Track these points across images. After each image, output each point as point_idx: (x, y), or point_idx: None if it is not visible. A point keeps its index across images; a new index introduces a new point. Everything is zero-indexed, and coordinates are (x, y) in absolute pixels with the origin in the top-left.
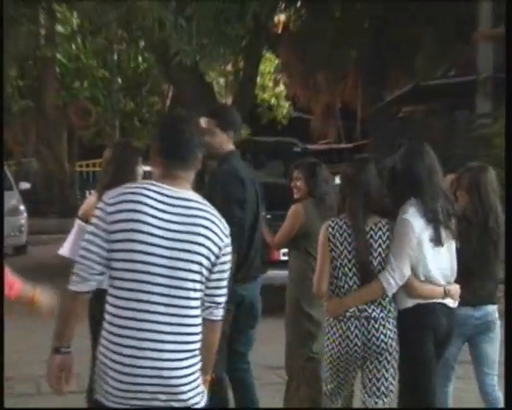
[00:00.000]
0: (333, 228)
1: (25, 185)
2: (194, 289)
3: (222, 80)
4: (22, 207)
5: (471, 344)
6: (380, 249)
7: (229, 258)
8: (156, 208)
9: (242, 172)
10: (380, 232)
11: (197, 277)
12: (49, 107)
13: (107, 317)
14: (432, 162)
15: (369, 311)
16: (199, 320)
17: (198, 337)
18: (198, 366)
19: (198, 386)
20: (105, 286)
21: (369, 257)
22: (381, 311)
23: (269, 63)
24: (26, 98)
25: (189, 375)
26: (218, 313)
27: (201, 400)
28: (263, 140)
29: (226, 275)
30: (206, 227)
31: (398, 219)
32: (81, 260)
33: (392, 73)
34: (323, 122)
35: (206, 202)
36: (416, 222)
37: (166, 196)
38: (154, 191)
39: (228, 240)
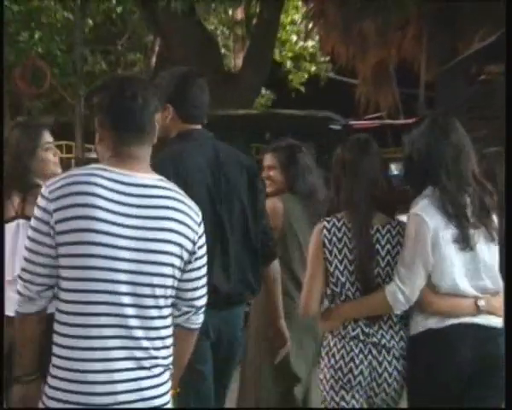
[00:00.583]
0: (329, 230)
1: None
2: (165, 297)
3: (228, 31)
4: None
5: None
6: (388, 258)
7: (204, 251)
8: (111, 200)
9: (190, 158)
10: (388, 235)
11: (169, 281)
12: None
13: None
14: (460, 140)
15: (378, 337)
16: (170, 331)
17: (170, 351)
18: (170, 382)
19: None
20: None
21: (373, 267)
22: (392, 338)
23: (292, 11)
24: None
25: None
26: (197, 320)
27: None
28: (288, 113)
29: (204, 272)
30: (176, 220)
31: (408, 215)
32: (24, 274)
33: (470, 19)
34: (373, 88)
35: (171, 185)
36: (430, 218)
37: (122, 183)
38: (106, 178)
39: (202, 229)
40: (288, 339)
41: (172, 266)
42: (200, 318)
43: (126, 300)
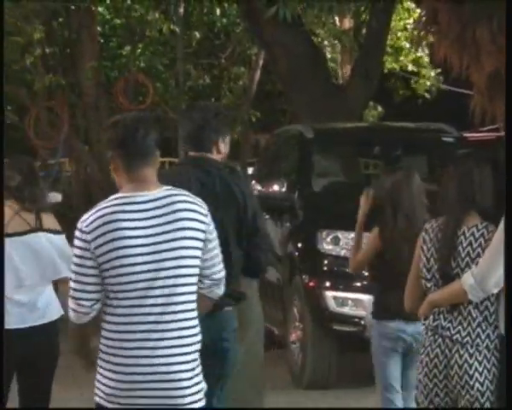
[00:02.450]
0: (426, 231)
1: (54, 197)
2: (193, 280)
3: (336, 42)
4: None
5: None
6: (467, 259)
7: (215, 233)
8: (131, 220)
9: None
10: (471, 238)
11: (194, 268)
12: (85, 84)
13: (107, 327)
14: None
15: (453, 331)
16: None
17: (199, 334)
18: (199, 366)
19: (200, 388)
20: None
21: (451, 267)
22: (468, 335)
23: (404, 15)
24: (53, 72)
25: (193, 378)
26: (219, 292)
27: (201, 398)
28: (399, 126)
29: (217, 251)
30: (188, 218)
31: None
32: (75, 294)
33: None
34: (488, 99)
35: (177, 190)
36: None
37: (137, 203)
38: (125, 204)
39: (209, 217)
40: None
41: (194, 256)
42: (221, 290)
43: (158, 292)
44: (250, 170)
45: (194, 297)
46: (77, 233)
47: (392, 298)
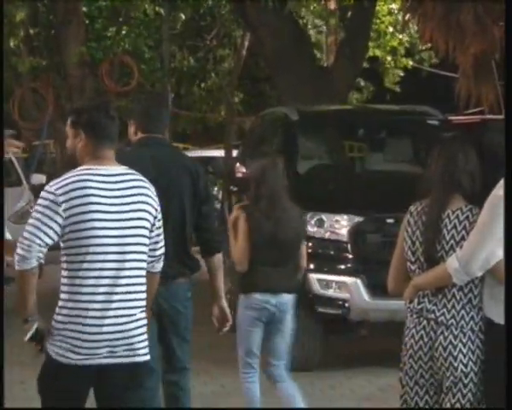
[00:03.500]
0: (411, 213)
1: (38, 179)
2: (144, 252)
3: (322, 24)
4: None
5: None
6: (452, 242)
7: (161, 215)
8: (100, 189)
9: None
10: (455, 221)
11: (146, 240)
12: (71, 65)
13: (65, 288)
14: None
15: (437, 313)
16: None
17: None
18: (145, 320)
19: (146, 340)
20: None
21: (436, 250)
22: (453, 317)
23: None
24: (38, 54)
25: (143, 329)
26: (159, 266)
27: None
28: (383, 108)
29: (161, 230)
30: (146, 195)
31: (491, 195)
32: (25, 241)
33: None
34: (474, 82)
35: (133, 170)
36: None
37: (103, 175)
38: (92, 174)
39: (157, 200)
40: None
41: (147, 231)
42: (160, 265)
43: (115, 265)
44: (235, 152)
45: (144, 268)
46: (45, 194)
47: (260, 273)
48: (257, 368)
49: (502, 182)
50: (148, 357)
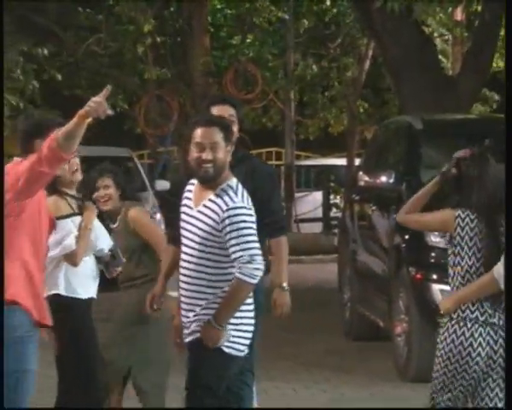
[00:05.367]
0: (462, 219)
1: (162, 185)
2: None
3: (447, 33)
4: (159, 217)
5: None
6: None
7: None
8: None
9: None
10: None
11: None
12: (196, 73)
13: None
14: None
15: (496, 319)
16: None
17: None
18: None
19: None
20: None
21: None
22: (500, 318)
23: None
24: (163, 62)
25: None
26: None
27: None
28: None
29: None
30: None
31: None
32: (259, 257)
33: None
34: None
35: None
36: None
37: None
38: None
39: None
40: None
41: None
42: None
43: None
44: (357, 161)
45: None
46: (248, 211)
47: None
48: None
49: None
50: None
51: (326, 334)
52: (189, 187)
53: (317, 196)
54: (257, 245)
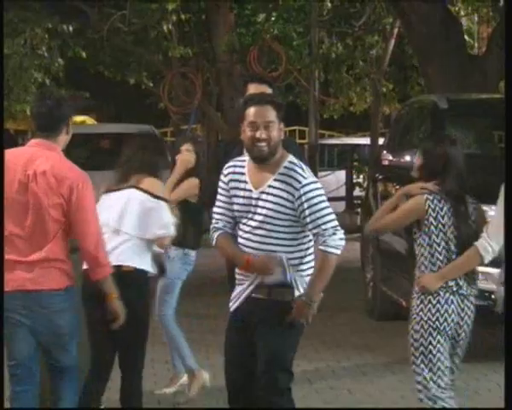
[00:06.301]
0: (432, 201)
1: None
2: None
3: (474, 13)
4: None
5: None
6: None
7: None
8: None
9: None
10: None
11: None
12: (220, 51)
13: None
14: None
15: (464, 290)
16: None
17: None
18: None
19: None
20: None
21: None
22: (473, 289)
23: None
24: (188, 39)
25: None
26: None
27: None
28: None
29: None
30: None
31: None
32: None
33: None
34: None
35: None
36: None
37: None
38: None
39: None
40: None
41: None
42: None
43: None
44: (381, 140)
45: None
46: (319, 185)
47: None
48: None
49: None
50: None
51: (349, 313)
52: (237, 168)
53: (341, 175)
54: (334, 216)
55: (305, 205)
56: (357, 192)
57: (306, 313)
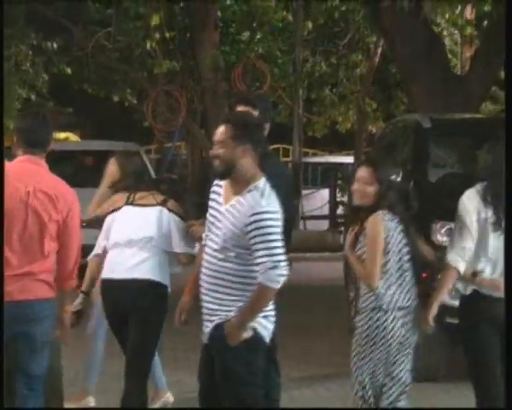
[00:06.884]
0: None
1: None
2: None
3: (456, 32)
4: None
5: None
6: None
7: None
8: None
9: None
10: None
11: None
12: (205, 68)
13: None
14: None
15: (404, 303)
16: None
17: None
18: None
19: None
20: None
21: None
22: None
23: None
24: (173, 57)
25: None
26: None
27: None
28: None
29: None
30: None
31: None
32: (283, 262)
33: None
34: None
35: None
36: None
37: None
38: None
39: None
40: None
41: None
42: None
43: None
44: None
45: None
46: (278, 216)
47: None
48: None
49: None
50: None
51: (331, 331)
52: (220, 183)
53: (324, 193)
54: (281, 250)
55: (253, 233)
56: (340, 211)
57: (236, 335)
